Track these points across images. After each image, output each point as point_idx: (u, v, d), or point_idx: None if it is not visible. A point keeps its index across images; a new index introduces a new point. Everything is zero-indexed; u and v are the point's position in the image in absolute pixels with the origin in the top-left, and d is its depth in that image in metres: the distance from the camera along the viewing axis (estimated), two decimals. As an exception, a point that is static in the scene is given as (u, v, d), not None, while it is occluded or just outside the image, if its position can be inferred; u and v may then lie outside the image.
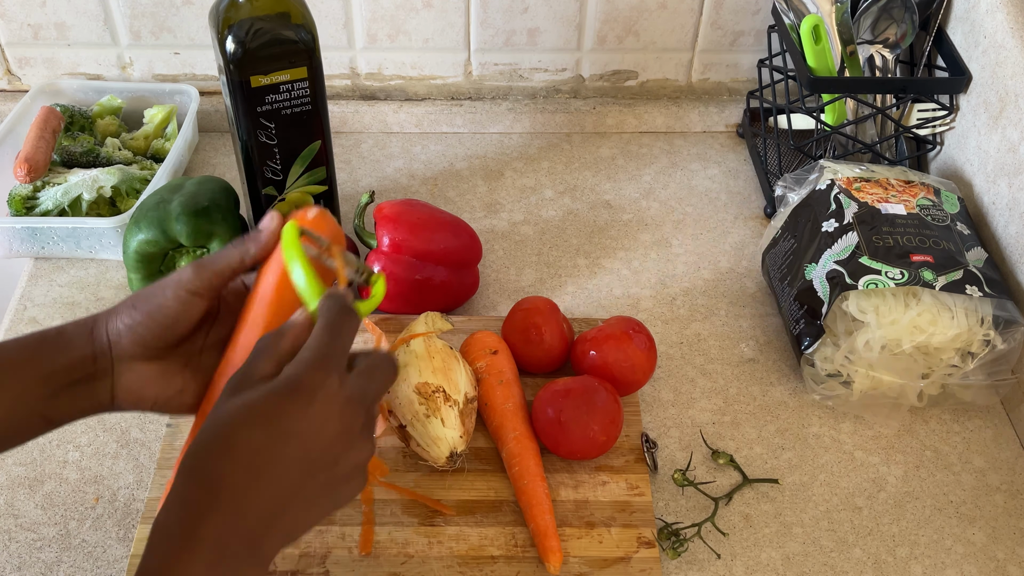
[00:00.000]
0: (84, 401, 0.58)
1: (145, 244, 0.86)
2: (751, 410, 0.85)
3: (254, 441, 0.48)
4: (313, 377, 0.50)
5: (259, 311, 0.60)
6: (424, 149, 1.13)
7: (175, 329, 0.58)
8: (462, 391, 0.76)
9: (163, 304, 0.58)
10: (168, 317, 0.58)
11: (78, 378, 0.57)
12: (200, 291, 0.58)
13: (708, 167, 1.12)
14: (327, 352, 0.51)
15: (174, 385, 0.60)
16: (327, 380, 0.50)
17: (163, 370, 0.59)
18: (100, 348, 0.58)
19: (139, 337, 0.58)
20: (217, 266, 0.59)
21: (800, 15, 0.98)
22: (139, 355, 0.58)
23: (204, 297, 0.59)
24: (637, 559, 0.71)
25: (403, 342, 0.78)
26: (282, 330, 0.53)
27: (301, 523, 0.51)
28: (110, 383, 0.58)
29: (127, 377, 0.58)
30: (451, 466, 0.74)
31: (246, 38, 0.78)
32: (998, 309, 0.79)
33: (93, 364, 0.57)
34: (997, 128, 0.90)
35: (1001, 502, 0.79)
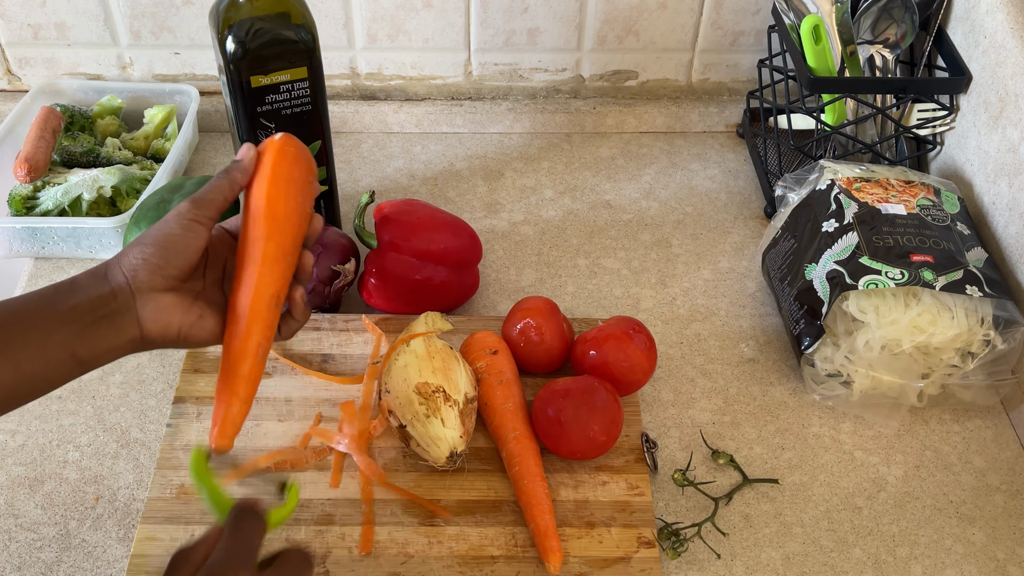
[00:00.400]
0: (113, 337, 0.60)
1: (145, 244, 0.86)
2: (751, 410, 0.85)
3: None
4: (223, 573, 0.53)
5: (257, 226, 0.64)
6: (424, 149, 1.13)
7: (185, 255, 0.62)
8: (462, 391, 0.76)
9: (170, 233, 0.62)
10: (178, 244, 0.61)
11: (101, 315, 0.59)
12: (200, 219, 0.63)
13: (708, 167, 1.12)
14: (232, 553, 0.54)
15: (194, 312, 0.63)
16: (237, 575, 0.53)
17: (180, 300, 0.62)
18: (118, 285, 0.60)
19: (154, 267, 0.61)
20: (210, 195, 0.63)
21: (800, 15, 0.98)
22: (157, 285, 0.61)
23: (205, 225, 0.63)
24: (637, 559, 0.71)
25: (403, 342, 0.78)
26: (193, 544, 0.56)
27: None
28: (135, 316, 0.60)
29: (150, 307, 0.61)
30: (451, 466, 0.74)
31: (246, 38, 0.78)
32: (998, 309, 0.79)
33: (114, 300, 0.60)
34: (997, 128, 0.90)
35: (1001, 502, 0.79)
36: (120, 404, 0.83)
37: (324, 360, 0.84)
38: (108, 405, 0.83)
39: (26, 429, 0.81)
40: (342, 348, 0.85)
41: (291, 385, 0.82)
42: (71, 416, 0.82)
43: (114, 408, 0.83)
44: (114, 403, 0.83)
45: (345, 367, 0.84)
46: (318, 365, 0.84)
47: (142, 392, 0.84)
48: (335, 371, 0.83)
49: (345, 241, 0.89)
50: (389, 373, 0.77)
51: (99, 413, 0.83)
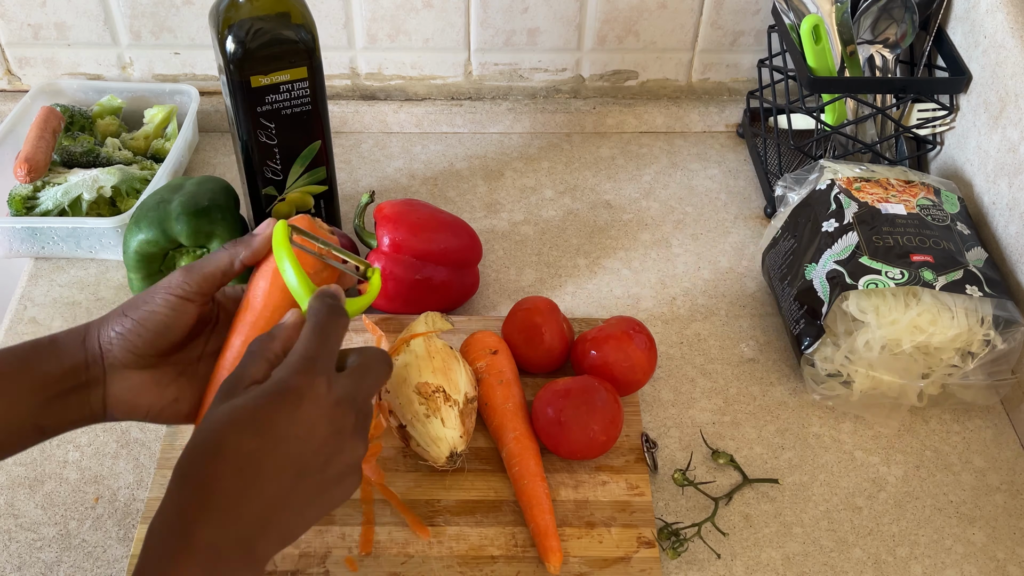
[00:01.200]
0: (76, 410, 0.57)
1: (145, 244, 0.86)
2: (751, 410, 0.85)
3: (244, 446, 0.48)
4: (300, 380, 0.50)
5: (250, 316, 0.59)
6: (424, 149, 1.13)
7: (167, 335, 0.58)
8: (462, 391, 0.76)
9: (153, 310, 0.57)
10: (159, 323, 0.57)
11: (70, 387, 0.57)
12: (190, 296, 0.58)
13: (708, 167, 1.12)
14: (314, 355, 0.51)
15: (168, 394, 0.59)
16: (314, 383, 0.50)
17: (156, 379, 0.59)
18: (92, 356, 0.57)
19: (130, 344, 0.57)
20: (206, 270, 0.59)
21: (800, 15, 0.98)
22: (131, 363, 0.58)
23: (195, 302, 0.58)
24: (637, 559, 0.71)
25: (403, 342, 0.78)
26: (273, 332, 0.53)
27: (295, 526, 0.51)
28: (102, 392, 0.58)
29: (119, 386, 0.58)
30: (451, 466, 0.74)
31: (246, 38, 0.78)
32: (998, 309, 0.79)
33: (85, 372, 0.57)
34: (997, 128, 0.90)
35: (1001, 502, 0.79)
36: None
37: (324, 360, 0.84)
38: (108, 405, 0.83)
39: (26, 429, 0.81)
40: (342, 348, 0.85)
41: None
42: (71, 416, 0.82)
43: (114, 408, 0.83)
44: (114, 403, 0.83)
45: (345, 367, 0.84)
46: (318, 365, 0.84)
47: (142, 392, 0.84)
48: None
49: (345, 241, 0.89)
50: None
51: (99, 413, 0.83)
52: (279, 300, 0.59)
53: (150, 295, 0.58)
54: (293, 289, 0.56)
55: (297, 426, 0.49)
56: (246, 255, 0.59)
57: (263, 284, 0.59)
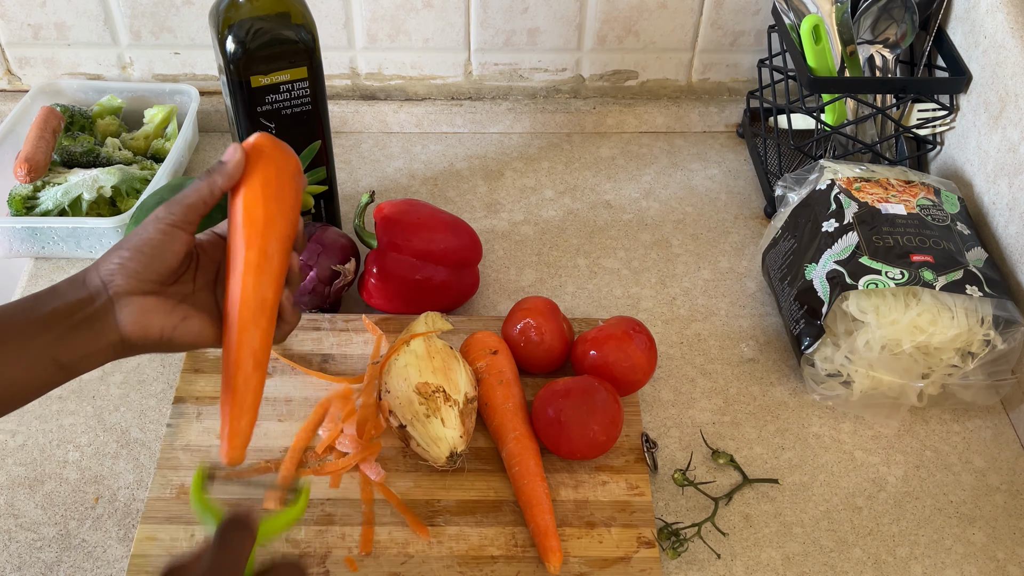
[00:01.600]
0: (93, 341, 0.59)
1: (145, 244, 0.86)
2: (751, 410, 0.85)
3: None
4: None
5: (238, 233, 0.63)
6: (424, 149, 1.13)
7: (164, 260, 0.61)
8: (462, 391, 0.76)
9: (147, 237, 0.61)
10: (154, 248, 0.61)
11: (79, 320, 0.59)
12: (178, 223, 0.62)
13: (708, 167, 1.12)
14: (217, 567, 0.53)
15: (177, 314, 0.62)
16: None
17: (161, 303, 0.61)
18: (95, 289, 0.60)
19: (131, 271, 0.60)
20: (190, 199, 0.62)
21: (800, 15, 0.98)
22: (135, 288, 0.60)
23: (184, 230, 0.62)
24: (637, 559, 0.71)
25: (403, 342, 0.78)
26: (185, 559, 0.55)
27: None
28: (113, 320, 0.60)
29: (128, 310, 0.60)
30: (451, 466, 0.74)
31: (246, 38, 0.78)
32: (998, 309, 0.79)
33: (91, 304, 0.59)
34: (997, 128, 0.90)
35: (1001, 502, 0.79)
36: (120, 404, 0.83)
37: (324, 360, 0.84)
38: (108, 405, 0.83)
39: (26, 429, 0.81)
40: (342, 348, 0.85)
41: (291, 385, 0.82)
42: (71, 416, 0.82)
43: (114, 408, 0.83)
44: (114, 403, 0.83)
45: (345, 367, 0.84)
46: (318, 365, 0.84)
47: (142, 392, 0.84)
48: (335, 371, 0.83)
49: (345, 241, 0.89)
50: (389, 373, 0.77)
51: (99, 413, 0.83)
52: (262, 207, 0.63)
53: (143, 227, 0.62)
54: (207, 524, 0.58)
55: None
56: (223, 182, 0.63)
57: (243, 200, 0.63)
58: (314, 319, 0.87)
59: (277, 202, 0.64)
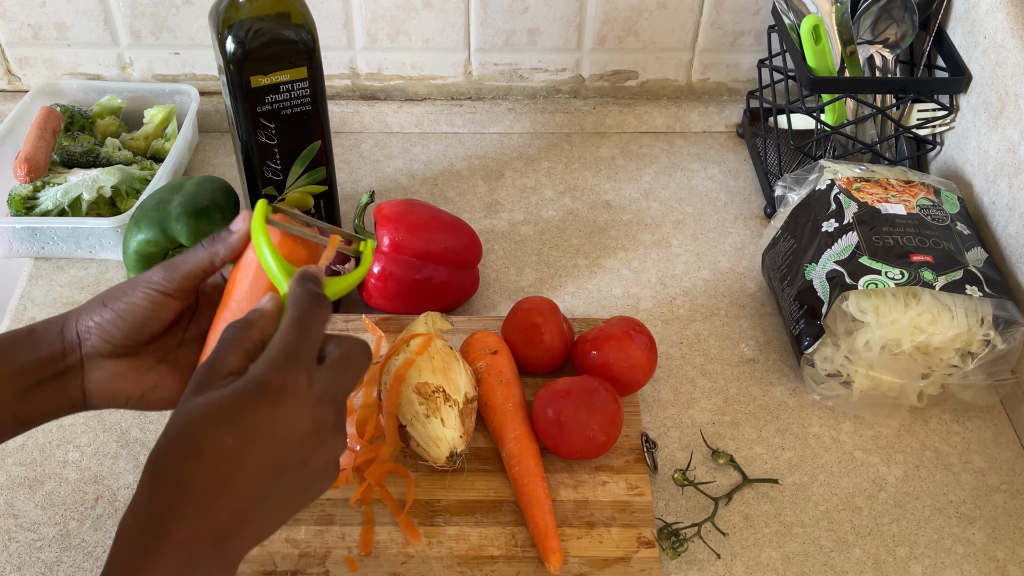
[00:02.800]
0: (55, 400, 0.57)
1: (145, 244, 0.86)
2: (751, 410, 0.85)
3: (222, 443, 0.47)
4: (281, 377, 0.49)
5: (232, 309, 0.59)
6: (424, 149, 1.13)
7: (146, 328, 0.58)
8: (462, 391, 0.76)
9: (134, 303, 0.57)
10: (139, 317, 0.57)
11: (48, 375, 0.57)
12: (171, 292, 0.58)
13: (708, 167, 1.12)
14: (294, 349, 0.50)
15: (148, 381, 0.59)
16: (295, 380, 0.49)
17: (135, 367, 0.59)
18: (70, 345, 0.57)
19: (108, 335, 0.57)
20: (186, 267, 0.58)
21: (800, 15, 0.98)
22: (108, 352, 0.58)
23: (175, 297, 0.58)
24: (637, 559, 0.71)
25: (403, 342, 0.78)
26: (249, 319, 0.52)
27: (270, 524, 0.50)
28: (80, 380, 0.58)
29: (97, 374, 0.58)
30: (451, 466, 0.74)
31: (246, 38, 0.78)
32: (998, 309, 0.79)
33: (63, 360, 0.57)
34: (997, 128, 0.90)
35: (1001, 502, 0.79)
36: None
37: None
38: (108, 405, 0.83)
39: (26, 429, 0.81)
40: (341, 347, 0.85)
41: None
42: (71, 416, 0.82)
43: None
44: (114, 403, 0.83)
45: (345, 367, 0.84)
46: (318, 365, 0.84)
47: (142, 392, 0.84)
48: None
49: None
50: (389, 373, 0.77)
51: (99, 413, 0.83)
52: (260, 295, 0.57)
53: (131, 288, 0.58)
54: (270, 271, 0.54)
55: (277, 424, 0.48)
56: (225, 253, 0.59)
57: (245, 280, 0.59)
58: (314, 319, 0.87)
59: None
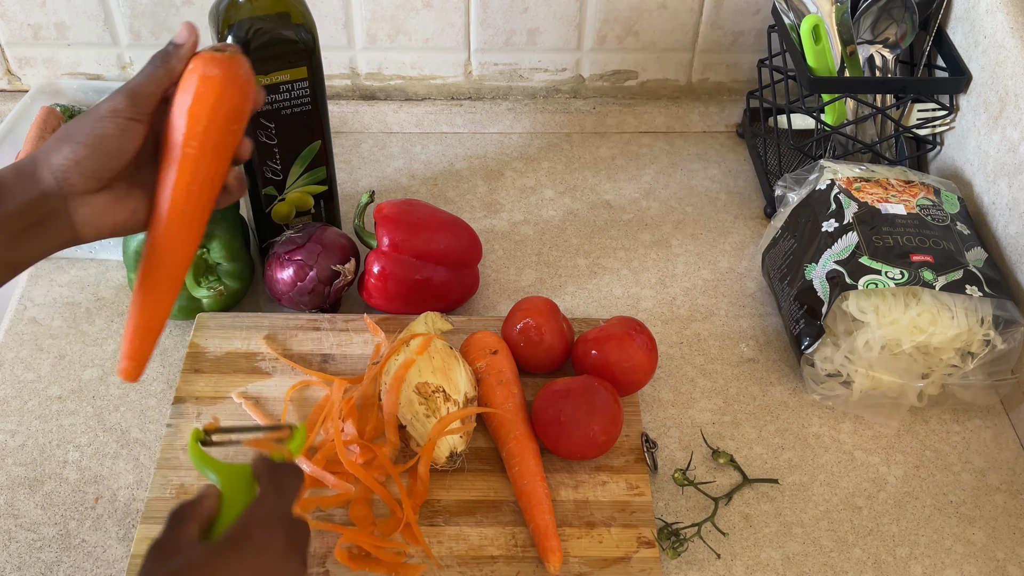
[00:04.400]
0: (44, 241, 0.59)
1: (145, 244, 0.86)
2: (751, 410, 0.85)
3: None
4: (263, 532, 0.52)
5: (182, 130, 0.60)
6: (424, 149, 1.13)
7: (121, 157, 0.59)
8: (462, 391, 0.76)
9: (105, 135, 0.59)
10: (112, 146, 0.59)
11: (32, 221, 0.57)
12: (137, 116, 0.59)
13: (708, 167, 1.12)
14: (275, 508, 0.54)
15: (128, 207, 0.61)
16: (275, 534, 0.53)
17: (115, 196, 0.60)
18: (48, 187, 0.58)
19: (87, 171, 0.58)
20: (148, 89, 0.60)
21: (800, 15, 0.98)
22: (91, 188, 0.59)
23: (142, 122, 0.60)
24: (637, 559, 0.71)
25: (403, 342, 0.78)
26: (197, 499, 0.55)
27: None
28: (67, 219, 0.59)
29: (84, 211, 0.59)
30: (451, 466, 0.74)
31: (246, 38, 0.78)
32: (998, 309, 0.79)
33: (44, 205, 0.58)
34: (997, 128, 0.90)
35: (1001, 502, 0.79)
36: (120, 404, 0.83)
37: (324, 360, 0.84)
38: (108, 405, 0.83)
39: (26, 429, 0.81)
40: (342, 348, 0.85)
41: (291, 385, 0.82)
42: (71, 416, 0.82)
43: (114, 408, 0.83)
44: (114, 403, 0.83)
45: (345, 367, 0.84)
46: (318, 365, 0.84)
47: (142, 392, 0.84)
48: (335, 371, 0.83)
49: (345, 241, 0.89)
50: (389, 373, 0.77)
51: (99, 413, 0.83)
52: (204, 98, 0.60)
53: (99, 121, 0.59)
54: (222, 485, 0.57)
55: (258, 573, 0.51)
56: (179, 65, 0.61)
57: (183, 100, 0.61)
58: (314, 319, 0.87)
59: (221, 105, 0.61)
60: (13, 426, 0.81)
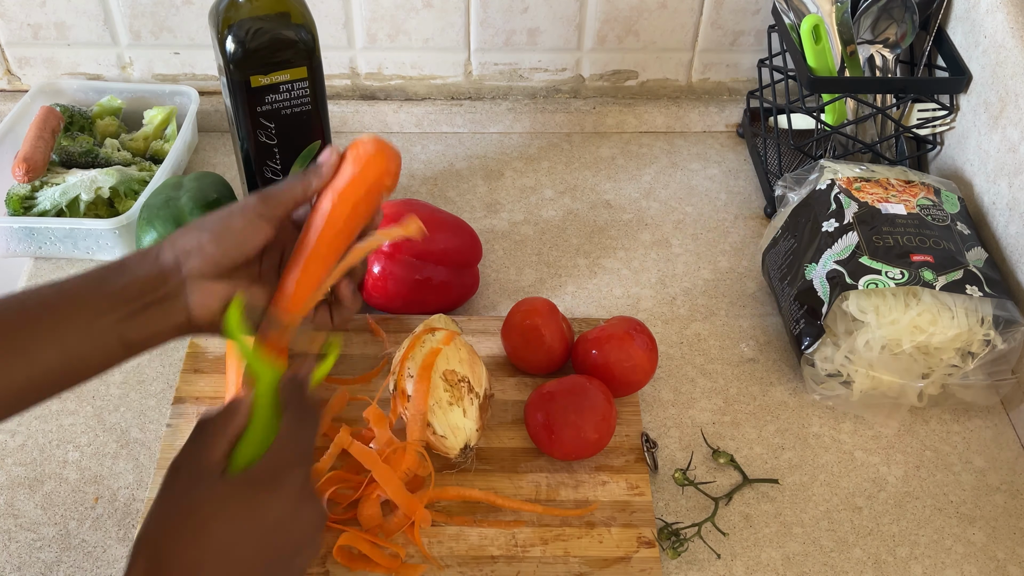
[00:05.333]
0: (160, 322, 0.59)
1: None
2: (751, 410, 0.85)
3: (230, 532, 0.50)
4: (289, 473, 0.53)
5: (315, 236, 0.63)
6: (424, 149, 1.13)
7: (243, 249, 0.61)
8: (484, 385, 0.76)
9: (232, 226, 0.61)
10: (237, 237, 0.61)
11: (150, 300, 0.58)
12: (267, 216, 0.62)
13: (708, 167, 1.12)
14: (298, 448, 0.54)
15: None
16: (298, 473, 0.53)
17: (229, 287, 0.61)
18: (168, 267, 0.59)
19: (208, 256, 0.60)
20: (283, 197, 0.63)
21: (800, 15, 0.98)
22: (208, 273, 0.60)
23: (270, 223, 0.62)
24: (637, 559, 0.71)
25: (427, 330, 0.78)
26: (228, 411, 0.55)
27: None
28: (183, 301, 0.60)
29: (199, 294, 0.60)
30: (463, 459, 0.74)
31: (246, 38, 0.78)
32: (998, 309, 0.79)
33: (164, 284, 0.59)
34: (997, 128, 0.90)
35: (1001, 502, 0.79)
36: (120, 404, 0.83)
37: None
38: (108, 405, 0.83)
39: (26, 429, 0.81)
40: (342, 348, 0.85)
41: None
42: (71, 416, 0.82)
43: (114, 408, 0.83)
44: (114, 403, 0.83)
45: (345, 367, 0.84)
46: (318, 365, 0.84)
47: (142, 392, 0.84)
48: (335, 371, 0.83)
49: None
50: (414, 360, 0.76)
51: (99, 413, 0.83)
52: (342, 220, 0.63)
53: (228, 214, 0.62)
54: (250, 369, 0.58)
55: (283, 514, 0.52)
56: (317, 183, 0.63)
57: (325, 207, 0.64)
58: (314, 319, 0.87)
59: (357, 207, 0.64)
60: (13, 426, 0.81)
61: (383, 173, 0.64)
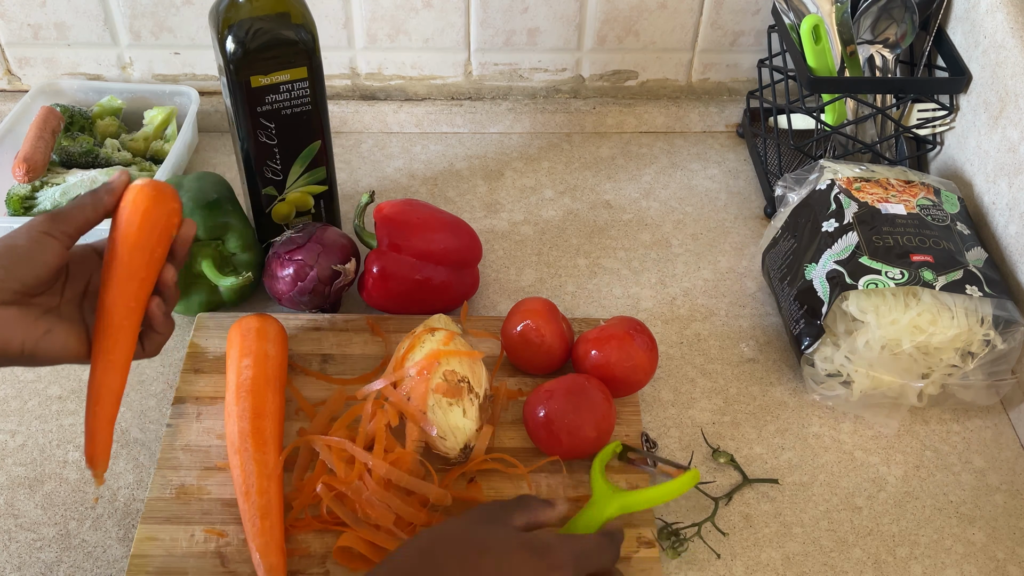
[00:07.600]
0: None
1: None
2: (751, 410, 0.85)
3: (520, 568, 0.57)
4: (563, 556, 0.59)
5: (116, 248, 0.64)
6: (424, 149, 1.13)
7: (31, 269, 0.59)
8: (483, 386, 0.76)
9: (14, 245, 0.59)
10: (22, 256, 0.59)
11: None
12: (54, 232, 0.60)
13: (708, 167, 1.12)
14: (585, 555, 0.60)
15: (40, 327, 0.61)
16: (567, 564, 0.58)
17: (23, 314, 0.60)
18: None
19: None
20: (72, 215, 0.63)
21: (800, 15, 0.98)
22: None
23: (58, 240, 0.61)
24: (637, 559, 0.71)
25: (428, 331, 0.78)
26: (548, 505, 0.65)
27: None
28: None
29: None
30: (462, 459, 0.74)
31: (246, 38, 0.78)
32: (998, 309, 0.79)
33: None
34: (997, 128, 0.90)
35: (1001, 502, 0.79)
36: (120, 404, 0.83)
37: (324, 360, 0.84)
38: (108, 405, 0.83)
39: (26, 429, 0.81)
40: (342, 348, 0.85)
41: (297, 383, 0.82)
42: (71, 416, 0.82)
43: (114, 408, 0.83)
44: (114, 403, 0.83)
45: (345, 367, 0.84)
46: (318, 365, 0.84)
47: (142, 392, 0.84)
48: (335, 371, 0.83)
49: (345, 241, 0.89)
50: (414, 360, 0.76)
51: (99, 413, 0.83)
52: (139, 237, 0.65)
53: (12, 234, 0.60)
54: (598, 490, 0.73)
55: None
56: (107, 198, 0.64)
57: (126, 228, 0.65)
58: (314, 319, 0.87)
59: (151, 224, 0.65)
60: (13, 426, 0.81)
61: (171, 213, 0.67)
